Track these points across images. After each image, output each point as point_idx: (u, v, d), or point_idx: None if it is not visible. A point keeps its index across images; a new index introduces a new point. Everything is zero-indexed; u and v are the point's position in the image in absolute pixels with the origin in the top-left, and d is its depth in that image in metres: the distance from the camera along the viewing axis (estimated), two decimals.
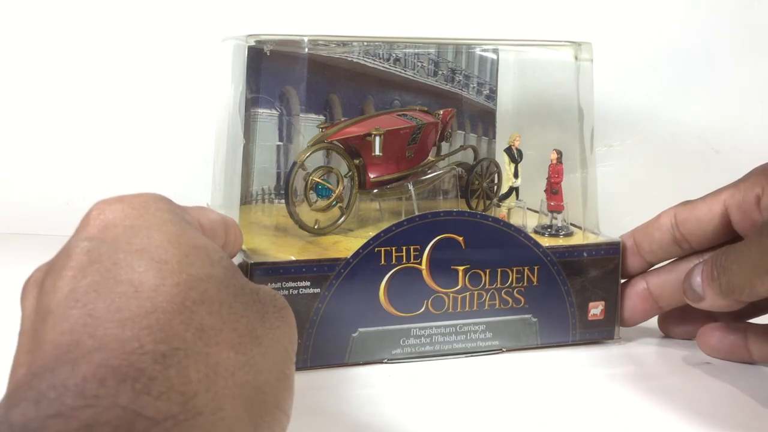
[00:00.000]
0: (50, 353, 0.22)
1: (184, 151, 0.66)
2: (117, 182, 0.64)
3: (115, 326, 0.22)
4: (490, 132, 0.56)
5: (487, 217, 0.41)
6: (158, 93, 0.66)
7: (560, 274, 0.42)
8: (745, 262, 0.35)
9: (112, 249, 0.25)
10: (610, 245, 0.43)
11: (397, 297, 0.40)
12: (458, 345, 0.41)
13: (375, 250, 0.39)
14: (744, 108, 0.62)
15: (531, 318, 0.42)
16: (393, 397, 0.37)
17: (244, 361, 0.24)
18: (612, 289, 0.43)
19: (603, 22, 0.64)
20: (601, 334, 0.44)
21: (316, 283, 0.38)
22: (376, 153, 0.44)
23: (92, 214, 0.27)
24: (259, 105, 0.51)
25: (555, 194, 0.45)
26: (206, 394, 0.22)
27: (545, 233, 0.45)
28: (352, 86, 0.53)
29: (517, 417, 0.35)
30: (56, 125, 0.67)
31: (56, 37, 0.65)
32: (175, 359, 0.22)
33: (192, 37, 0.64)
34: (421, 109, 0.49)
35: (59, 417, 0.19)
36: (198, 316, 0.24)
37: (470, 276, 0.40)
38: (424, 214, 0.40)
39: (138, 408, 0.20)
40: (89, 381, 0.20)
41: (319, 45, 0.49)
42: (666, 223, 0.42)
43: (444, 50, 0.55)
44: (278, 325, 0.27)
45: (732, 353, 0.41)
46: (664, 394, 0.37)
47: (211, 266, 0.26)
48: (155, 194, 0.29)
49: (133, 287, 0.24)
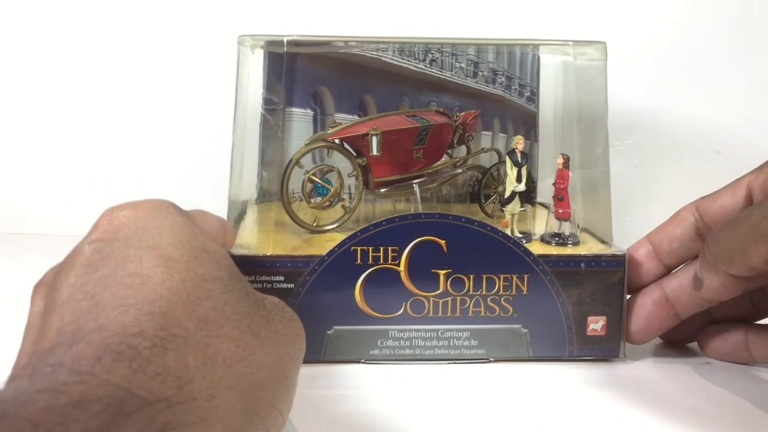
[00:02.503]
0: (53, 339, 0.23)
1: (184, 151, 0.66)
2: (117, 182, 0.66)
3: (118, 312, 0.23)
4: (532, 135, 0.54)
5: (472, 221, 0.39)
6: (158, 93, 0.66)
7: (553, 285, 0.40)
8: (738, 230, 0.34)
9: (123, 245, 0.26)
10: (612, 257, 0.40)
11: (373, 297, 0.39)
12: (441, 351, 0.40)
13: (351, 249, 0.39)
14: (744, 108, 0.60)
15: (521, 328, 0.40)
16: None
17: (244, 356, 0.24)
18: (615, 304, 0.40)
19: (603, 21, 0.62)
20: (603, 351, 0.41)
21: (290, 278, 0.39)
22: (373, 153, 0.43)
23: (103, 219, 0.28)
24: (294, 104, 0.53)
25: (561, 201, 0.43)
26: (202, 381, 0.22)
27: (552, 242, 0.43)
28: (387, 87, 0.53)
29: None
30: (56, 125, 0.67)
31: (56, 37, 0.65)
32: (174, 345, 0.22)
33: (191, 38, 0.64)
34: (437, 111, 0.48)
35: (50, 391, 0.19)
36: (201, 308, 0.24)
37: (452, 281, 0.39)
38: (404, 215, 0.39)
39: (131, 387, 0.20)
40: (85, 358, 0.20)
41: (353, 46, 0.50)
42: (687, 216, 0.40)
43: (484, 50, 0.53)
44: (285, 333, 0.28)
45: (733, 354, 0.40)
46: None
47: (217, 269, 0.27)
48: (165, 200, 0.30)
49: (141, 279, 0.24)
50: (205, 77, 0.64)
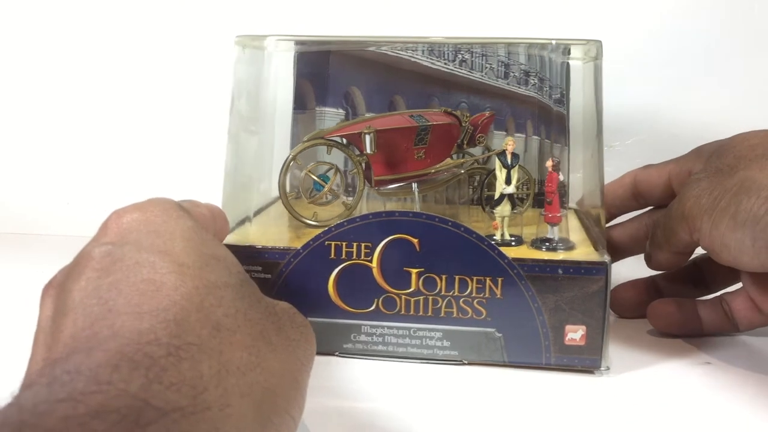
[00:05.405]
0: (68, 344, 0.23)
1: (184, 150, 0.66)
2: (117, 182, 0.66)
3: (133, 319, 0.23)
4: (562, 139, 0.53)
5: (446, 221, 0.39)
6: (158, 93, 0.66)
7: (528, 290, 0.39)
8: (669, 217, 0.41)
9: (134, 249, 0.26)
10: (593, 264, 0.38)
11: (346, 292, 0.40)
12: (413, 350, 0.40)
13: (325, 243, 0.40)
14: (744, 108, 0.59)
15: (495, 332, 0.40)
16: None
17: (257, 363, 0.24)
18: (596, 314, 0.39)
19: (603, 21, 0.61)
20: (583, 362, 0.39)
21: (267, 269, 0.40)
22: (367, 151, 0.44)
23: (111, 221, 0.28)
24: (326, 104, 0.55)
25: (550, 204, 0.41)
26: (216, 389, 0.22)
27: (543, 247, 0.42)
28: (417, 88, 0.54)
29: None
30: (57, 125, 0.67)
31: (56, 37, 0.66)
32: (189, 353, 0.22)
33: (191, 37, 0.65)
34: (446, 111, 0.48)
35: (69, 401, 0.19)
36: (214, 316, 0.24)
37: (424, 280, 0.39)
38: (379, 213, 0.40)
39: (148, 397, 0.20)
40: (103, 367, 0.20)
41: (383, 45, 0.51)
42: (628, 181, 0.48)
43: (515, 51, 0.53)
44: (295, 338, 0.28)
45: (684, 326, 0.44)
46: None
47: (228, 276, 0.27)
48: (169, 200, 0.30)
49: (155, 286, 0.24)
50: (205, 77, 0.65)
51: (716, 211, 0.37)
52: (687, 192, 0.40)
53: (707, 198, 0.38)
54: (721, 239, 0.37)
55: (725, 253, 0.38)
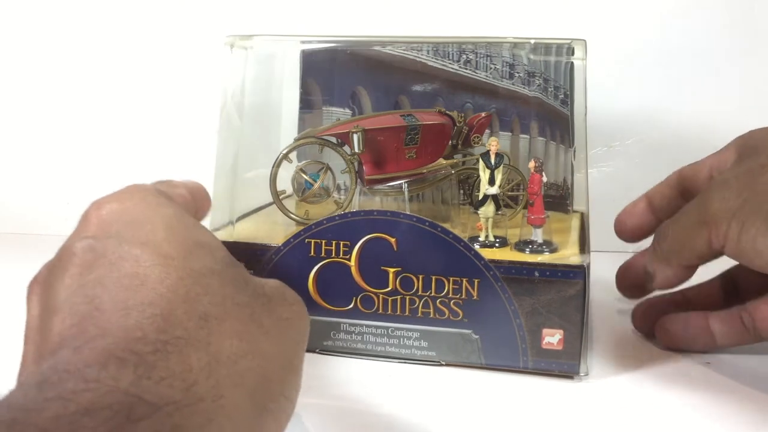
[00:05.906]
0: (57, 344, 0.23)
1: (184, 150, 0.67)
2: (117, 182, 0.66)
3: (119, 316, 0.23)
4: (567, 140, 0.52)
5: (423, 221, 0.39)
6: (159, 93, 0.67)
7: (505, 292, 0.38)
8: (681, 225, 0.38)
9: (116, 243, 0.25)
10: (570, 268, 0.38)
11: (325, 289, 0.40)
12: (391, 349, 0.41)
13: (305, 241, 0.40)
14: (744, 108, 0.58)
15: (471, 334, 0.39)
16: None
17: (248, 349, 0.24)
18: (573, 318, 0.38)
19: (603, 21, 0.60)
20: (561, 366, 0.39)
21: (249, 265, 0.41)
22: (355, 150, 0.44)
23: (90, 213, 0.28)
24: (333, 104, 0.55)
25: (532, 206, 0.41)
26: (207, 381, 0.22)
27: (526, 249, 0.41)
28: (422, 88, 0.54)
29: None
30: (57, 125, 0.68)
31: (56, 37, 0.67)
32: (177, 347, 0.22)
33: (190, 38, 0.66)
34: (441, 111, 0.48)
35: (59, 400, 0.19)
36: (201, 306, 0.24)
37: (401, 279, 0.39)
38: (357, 212, 0.40)
39: (140, 392, 0.20)
40: (91, 365, 0.20)
41: (387, 46, 0.52)
42: (674, 179, 0.45)
43: (519, 51, 0.52)
44: (287, 317, 0.28)
45: (693, 343, 0.41)
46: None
47: (213, 262, 0.26)
48: (148, 186, 0.30)
49: (139, 280, 0.24)
50: (205, 78, 0.65)
51: (746, 213, 0.35)
52: (710, 194, 0.37)
53: (735, 200, 0.36)
54: (753, 243, 0.34)
55: (758, 259, 0.35)
